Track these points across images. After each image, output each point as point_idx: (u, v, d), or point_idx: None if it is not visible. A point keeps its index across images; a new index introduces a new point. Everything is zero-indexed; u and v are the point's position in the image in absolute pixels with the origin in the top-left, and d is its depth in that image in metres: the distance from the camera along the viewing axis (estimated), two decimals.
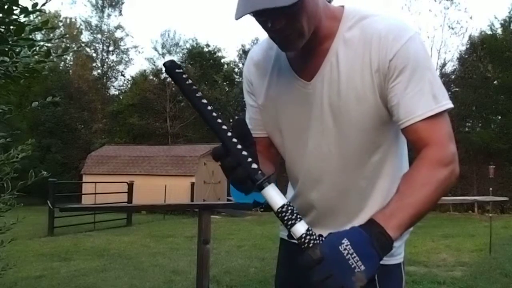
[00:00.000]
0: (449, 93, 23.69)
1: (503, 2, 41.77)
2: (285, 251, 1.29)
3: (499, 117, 21.30)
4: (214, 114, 0.87)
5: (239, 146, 0.86)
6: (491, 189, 7.99)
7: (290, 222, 0.83)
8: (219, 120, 0.87)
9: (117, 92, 31.63)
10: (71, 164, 23.15)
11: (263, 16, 0.93)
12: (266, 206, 0.88)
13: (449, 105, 0.97)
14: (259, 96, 1.17)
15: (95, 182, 15.15)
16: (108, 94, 31.00)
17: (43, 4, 1.35)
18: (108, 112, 27.16)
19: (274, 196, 0.85)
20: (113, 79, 32.12)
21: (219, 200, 17.56)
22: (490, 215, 8.09)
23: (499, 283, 5.25)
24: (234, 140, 0.86)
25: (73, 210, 7.04)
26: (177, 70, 0.88)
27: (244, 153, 0.86)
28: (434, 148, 0.94)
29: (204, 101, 0.87)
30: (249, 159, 0.86)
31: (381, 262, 1.05)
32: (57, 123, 23.96)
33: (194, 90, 0.88)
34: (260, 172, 0.85)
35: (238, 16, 0.91)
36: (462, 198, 8.41)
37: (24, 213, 2.03)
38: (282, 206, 0.84)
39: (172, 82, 1.09)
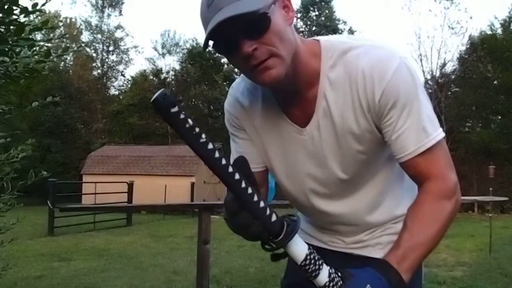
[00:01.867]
0: (449, 93, 23.60)
1: (503, 2, 41.79)
2: None
3: (499, 117, 21.31)
4: (224, 161, 0.72)
5: (255, 198, 0.75)
6: (491, 189, 8.00)
7: (314, 274, 0.79)
8: (230, 169, 0.73)
9: (117, 92, 31.66)
10: (71, 164, 23.15)
11: (230, 43, 0.87)
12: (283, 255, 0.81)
13: (440, 135, 0.95)
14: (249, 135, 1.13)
15: (95, 182, 15.15)
16: (108, 94, 31.00)
17: (43, 4, 1.35)
18: (108, 112, 27.17)
19: (296, 250, 0.79)
20: (113, 79, 32.15)
21: (219, 200, 17.51)
22: (490, 215, 8.09)
23: (499, 283, 5.24)
24: (250, 191, 0.74)
25: (73, 210, 7.03)
26: (172, 110, 0.70)
27: (262, 204, 0.75)
28: (436, 182, 0.94)
29: (210, 146, 0.71)
30: (268, 212, 0.76)
31: None
32: (57, 123, 23.98)
33: (196, 135, 0.71)
34: (280, 223, 0.77)
35: (204, 43, 0.86)
36: (462, 198, 8.32)
37: (24, 213, 2.03)
38: (305, 259, 0.79)
39: (173, 82, 1.03)
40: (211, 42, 0.88)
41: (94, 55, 31.51)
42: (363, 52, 0.95)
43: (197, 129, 0.72)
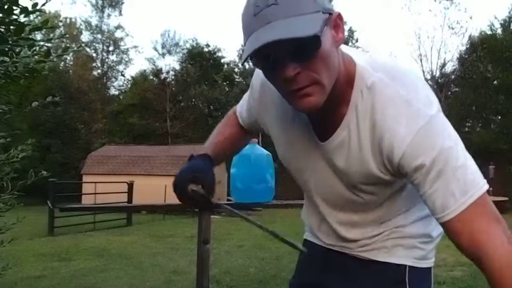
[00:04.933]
0: (449, 93, 23.63)
1: (503, 2, 41.80)
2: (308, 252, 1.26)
3: (499, 117, 21.33)
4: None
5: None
6: (491, 189, 7.99)
7: None
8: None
9: (117, 92, 31.72)
10: (71, 164, 23.16)
11: (273, 62, 0.81)
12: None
13: (484, 188, 0.85)
14: (268, 123, 1.12)
15: (95, 182, 15.15)
16: (108, 94, 31.03)
17: (43, 4, 1.35)
18: (108, 112, 27.20)
19: None
20: (113, 79, 32.21)
21: (219, 200, 17.50)
22: None
23: None
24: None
25: (73, 210, 7.00)
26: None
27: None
28: (493, 250, 0.81)
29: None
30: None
31: (414, 265, 1.06)
32: (57, 123, 23.99)
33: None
34: None
35: (244, 57, 0.81)
36: None
37: (24, 213, 2.03)
38: None
39: (173, 82, 1.07)
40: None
41: (94, 55, 31.57)
42: (390, 97, 0.88)
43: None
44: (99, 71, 31.51)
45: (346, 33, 1.01)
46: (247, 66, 27.69)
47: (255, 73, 1.10)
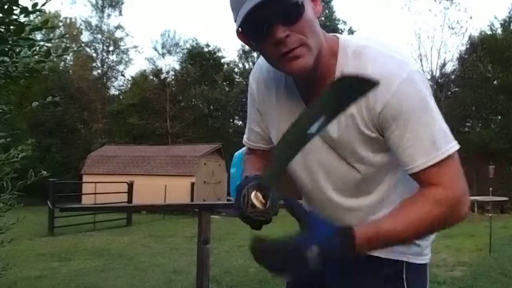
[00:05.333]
0: (449, 93, 23.60)
1: (503, 2, 41.82)
2: None
3: (499, 117, 21.33)
4: None
5: None
6: (491, 189, 7.99)
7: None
8: None
9: (117, 92, 31.64)
10: (71, 164, 23.14)
11: (263, 27, 0.88)
12: None
13: (453, 149, 0.94)
14: (264, 111, 1.16)
15: (95, 182, 15.16)
16: (108, 94, 30.99)
17: (43, 4, 1.35)
18: (108, 112, 27.17)
19: None
20: (113, 79, 32.12)
21: (219, 200, 17.53)
22: (490, 215, 8.09)
23: (499, 283, 5.24)
24: None
25: (73, 210, 7.02)
26: None
27: None
28: (438, 188, 0.92)
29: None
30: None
31: (411, 261, 1.09)
32: (57, 123, 23.98)
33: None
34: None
35: (239, 21, 0.87)
36: None
37: (24, 213, 2.03)
38: None
39: (173, 82, 1.06)
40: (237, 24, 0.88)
41: (94, 55, 31.50)
42: (374, 57, 0.95)
43: None
44: (99, 71, 31.48)
45: (346, 33, 1.04)
46: (247, 66, 27.73)
47: (249, 87, 1.18)
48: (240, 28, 0.91)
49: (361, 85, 0.73)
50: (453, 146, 0.94)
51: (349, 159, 1.03)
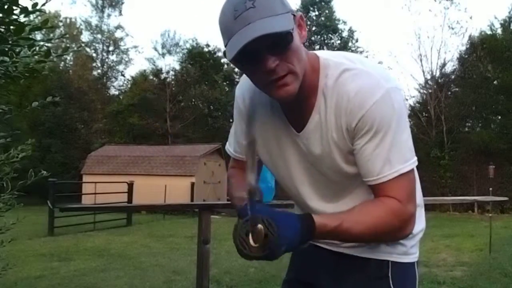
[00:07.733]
0: (449, 93, 23.55)
1: (503, 2, 41.79)
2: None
3: (499, 117, 21.30)
4: None
5: None
6: (491, 189, 7.99)
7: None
8: None
9: (117, 92, 31.62)
10: (71, 164, 23.14)
11: (254, 58, 0.92)
12: None
13: (405, 169, 1.00)
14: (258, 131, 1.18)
15: (95, 182, 15.15)
16: (108, 94, 30.98)
17: (43, 4, 1.35)
18: (108, 112, 27.14)
19: None
20: (113, 79, 32.12)
21: (219, 200, 17.53)
22: (490, 215, 8.10)
23: (499, 283, 5.24)
24: None
25: (73, 210, 7.03)
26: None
27: None
28: (394, 201, 0.99)
29: None
30: None
31: (396, 260, 1.13)
32: (57, 123, 23.96)
33: None
34: None
35: (232, 54, 0.90)
36: (462, 198, 8.41)
37: (24, 213, 2.03)
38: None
39: (173, 82, 1.07)
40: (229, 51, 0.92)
41: (94, 55, 31.51)
42: (353, 76, 1.01)
43: None
44: (99, 71, 31.48)
45: (346, 33, 1.06)
46: None
47: (235, 100, 1.24)
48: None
49: None
50: (409, 165, 1.01)
51: (329, 171, 1.09)
